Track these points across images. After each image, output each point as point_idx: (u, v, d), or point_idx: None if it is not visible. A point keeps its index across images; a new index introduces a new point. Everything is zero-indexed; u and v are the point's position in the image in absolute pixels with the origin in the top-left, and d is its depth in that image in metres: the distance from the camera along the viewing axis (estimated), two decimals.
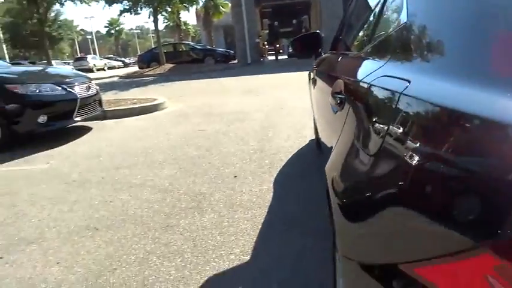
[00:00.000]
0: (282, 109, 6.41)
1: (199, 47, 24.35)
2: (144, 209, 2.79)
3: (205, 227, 2.44)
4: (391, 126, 0.74)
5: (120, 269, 2.05)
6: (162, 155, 4.19)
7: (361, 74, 1.15)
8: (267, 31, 25.37)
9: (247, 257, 2.07)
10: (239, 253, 2.11)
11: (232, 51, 23.05)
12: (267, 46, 25.04)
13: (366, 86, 1.02)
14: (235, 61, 21.58)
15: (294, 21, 24.77)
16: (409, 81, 0.76)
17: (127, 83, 15.36)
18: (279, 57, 23.31)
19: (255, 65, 19.25)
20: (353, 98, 1.14)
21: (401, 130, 0.70)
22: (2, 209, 3.02)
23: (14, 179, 3.76)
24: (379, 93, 0.90)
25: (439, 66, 0.77)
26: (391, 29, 1.12)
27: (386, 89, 0.86)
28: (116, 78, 18.91)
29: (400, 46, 1.01)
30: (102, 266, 2.10)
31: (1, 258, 2.27)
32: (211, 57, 22.07)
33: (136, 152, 4.38)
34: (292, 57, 20.43)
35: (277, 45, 24.20)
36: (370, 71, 1.07)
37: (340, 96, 1.27)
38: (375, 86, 0.94)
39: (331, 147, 1.34)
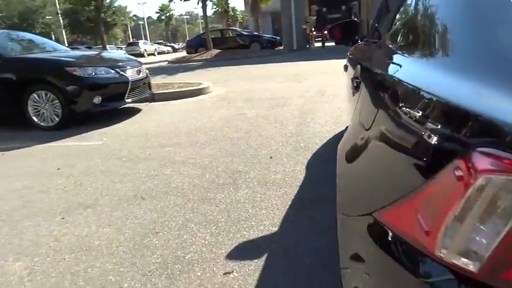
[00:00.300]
0: (323, 95, 6.48)
1: (245, 33, 24.53)
2: (185, 183, 3.04)
3: (239, 201, 2.65)
4: (380, 103, 0.88)
5: (162, 232, 2.31)
6: (204, 135, 4.45)
7: (374, 60, 1.28)
8: (315, 17, 24.94)
9: (276, 229, 2.26)
10: (268, 225, 2.31)
11: (278, 38, 23.03)
12: (314, 32, 24.71)
13: (373, 70, 1.15)
14: (281, 47, 21.58)
15: (343, 7, 24.17)
16: (400, 66, 0.90)
17: (175, 67, 15.88)
18: (326, 44, 22.99)
19: (301, 51, 19.17)
20: (364, 81, 1.27)
21: (385, 106, 0.84)
22: (63, 178, 3.40)
23: (72, 153, 4.17)
24: (379, 77, 1.03)
25: (428, 55, 0.89)
26: (402, 20, 1.23)
27: (385, 72, 0.99)
28: (164, 63, 19.56)
29: (405, 35, 1.13)
30: (147, 229, 2.37)
31: (62, 218, 2.61)
32: (258, 43, 22.21)
33: (180, 133, 4.67)
34: (339, 44, 20.11)
35: (325, 32, 23.84)
36: (381, 57, 1.20)
37: (357, 80, 1.41)
38: (379, 70, 1.08)
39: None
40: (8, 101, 5.38)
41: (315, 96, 6.50)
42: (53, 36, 39.70)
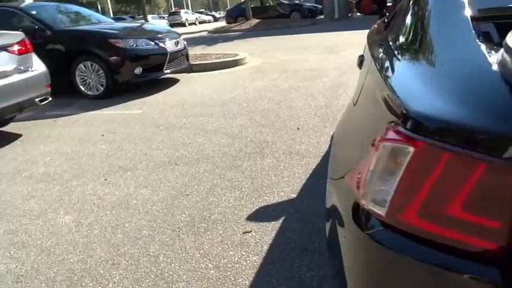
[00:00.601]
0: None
1: (286, 2, 24.07)
2: (216, 151, 3.26)
3: (263, 169, 2.84)
4: (364, 82, 1.01)
5: (191, 194, 2.55)
6: (236, 106, 4.63)
7: (376, 39, 1.37)
8: None
9: (295, 195, 2.44)
10: (288, 191, 2.48)
11: (320, 6, 22.48)
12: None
13: (371, 50, 1.25)
14: (322, 16, 21.08)
15: None
16: (394, 53, 1.01)
17: (214, 38, 16.02)
18: None
19: (342, 20, 18.66)
20: (365, 60, 1.37)
21: (365, 85, 0.97)
22: (106, 144, 3.72)
23: (114, 121, 4.50)
24: (373, 59, 1.14)
25: (417, 47, 1.00)
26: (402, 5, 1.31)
27: (378, 55, 1.10)
28: (204, 33, 19.72)
29: (401, 21, 1.22)
30: (178, 191, 2.62)
31: (105, 180, 2.92)
32: (298, 12, 21.82)
33: (214, 103, 4.87)
34: None
35: None
36: (381, 38, 1.29)
37: (361, 58, 1.51)
38: (377, 52, 1.18)
39: None
40: (59, 71, 5.77)
41: (351, 67, 6.43)
42: (98, 5, 40.71)
